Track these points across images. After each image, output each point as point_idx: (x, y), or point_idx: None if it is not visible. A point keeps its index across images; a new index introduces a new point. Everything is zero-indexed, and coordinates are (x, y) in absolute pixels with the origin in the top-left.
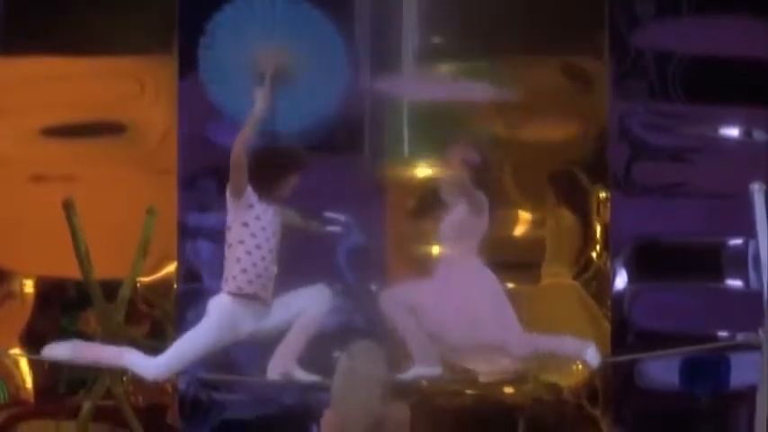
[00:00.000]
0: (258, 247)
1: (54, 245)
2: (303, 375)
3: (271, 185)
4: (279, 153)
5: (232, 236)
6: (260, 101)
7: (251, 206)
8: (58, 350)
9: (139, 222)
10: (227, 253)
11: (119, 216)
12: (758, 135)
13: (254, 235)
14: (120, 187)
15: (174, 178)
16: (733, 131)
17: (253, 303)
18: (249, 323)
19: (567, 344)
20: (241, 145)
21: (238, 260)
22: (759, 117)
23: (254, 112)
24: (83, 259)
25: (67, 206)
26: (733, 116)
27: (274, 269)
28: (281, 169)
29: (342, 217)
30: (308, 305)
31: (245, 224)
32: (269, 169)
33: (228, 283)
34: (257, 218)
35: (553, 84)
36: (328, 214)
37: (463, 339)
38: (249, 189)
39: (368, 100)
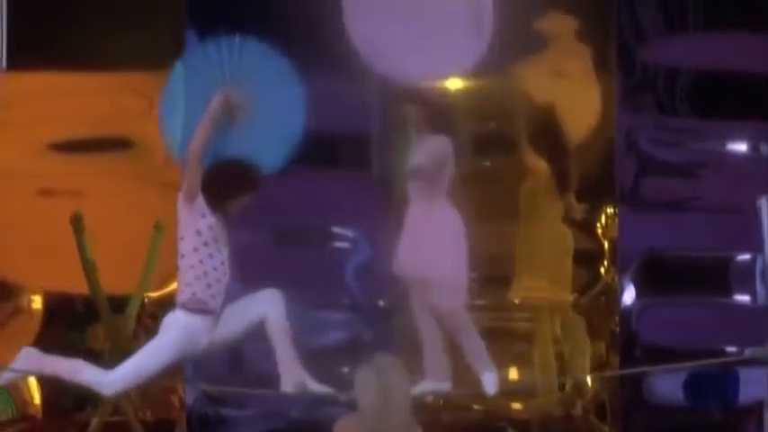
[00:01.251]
0: (211, 256)
1: (62, 260)
2: (317, 386)
3: (223, 201)
4: (234, 172)
5: (185, 245)
6: (217, 100)
7: (203, 215)
8: (16, 363)
9: (147, 238)
10: (181, 263)
11: (126, 231)
12: (765, 150)
13: (206, 243)
14: (128, 203)
15: None
16: (740, 146)
17: (205, 314)
18: (206, 334)
19: (478, 353)
20: (197, 142)
21: (192, 267)
22: (766, 132)
23: (209, 108)
24: (90, 274)
25: (75, 222)
26: (740, 131)
27: (226, 280)
28: (236, 188)
29: (350, 233)
30: (265, 310)
31: (198, 232)
32: (223, 187)
33: (183, 293)
34: (209, 227)
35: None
36: (336, 230)
37: (426, 274)
38: (201, 197)
39: (375, 116)
